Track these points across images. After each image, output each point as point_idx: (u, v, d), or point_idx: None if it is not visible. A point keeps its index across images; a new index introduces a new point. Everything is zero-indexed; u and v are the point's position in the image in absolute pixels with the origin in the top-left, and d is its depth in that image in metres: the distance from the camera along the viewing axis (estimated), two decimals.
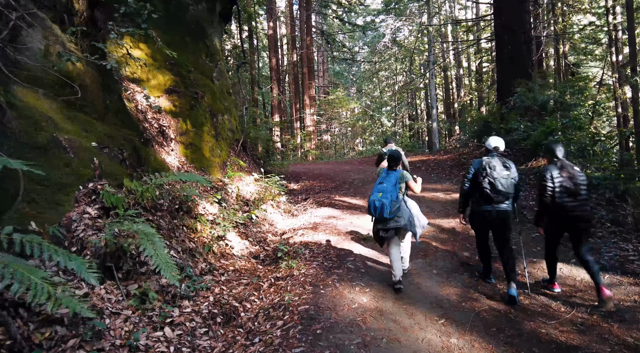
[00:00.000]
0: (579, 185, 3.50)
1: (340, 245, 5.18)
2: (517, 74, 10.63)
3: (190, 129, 7.45)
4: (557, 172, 3.58)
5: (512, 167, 3.78)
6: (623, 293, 3.68)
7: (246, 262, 5.13)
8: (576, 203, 3.51)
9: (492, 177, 3.66)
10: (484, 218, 3.81)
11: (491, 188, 3.66)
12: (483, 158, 3.84)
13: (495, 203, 3.71)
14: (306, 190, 9.50)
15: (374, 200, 3.81)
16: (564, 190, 3.52)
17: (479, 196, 3.78)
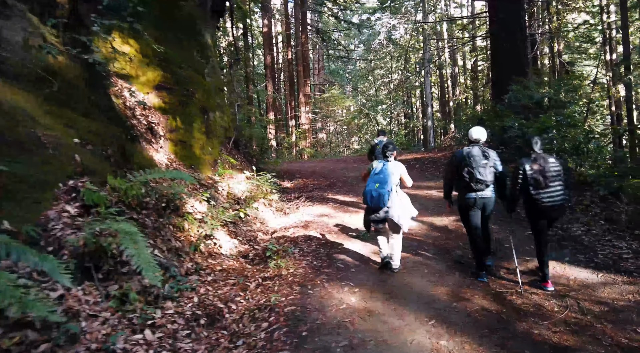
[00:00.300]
0: (547, 178, 3.67)
1: (330, 244, 5.06)
2: (512, 71, 10.54)
3: (181, 125, 7.29)
4: (529, 164, 3.75)
5: (491, 156, 3.93)
6: (617, 292, 3.59)
7: (234, 261, 5.01)
8: (545, 195, 3.69)
9: (471, 166, 3.84)
10: (469, 205, 3.99)
11: (470, 176, 3.86)
12: (464, 148, 4.02)
13: (477, 191, 3.91)
14: (299, 188, 9.38)
15: (371, 190, 3.93)
16: (534, 181, 3.70)
17: (462, 185, 3.98)
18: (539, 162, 3.72)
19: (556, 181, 3.69)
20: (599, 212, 5.58)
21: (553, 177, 3.67)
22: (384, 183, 3.92)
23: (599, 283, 3.75)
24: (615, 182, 6.34)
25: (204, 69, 8.84)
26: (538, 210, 3.78)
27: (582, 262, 4.21)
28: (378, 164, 4.19)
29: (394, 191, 4.01)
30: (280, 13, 22.20)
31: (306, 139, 19.12)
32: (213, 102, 8.77)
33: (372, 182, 4.01)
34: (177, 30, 8.04)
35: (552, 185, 3.67)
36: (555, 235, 5.00)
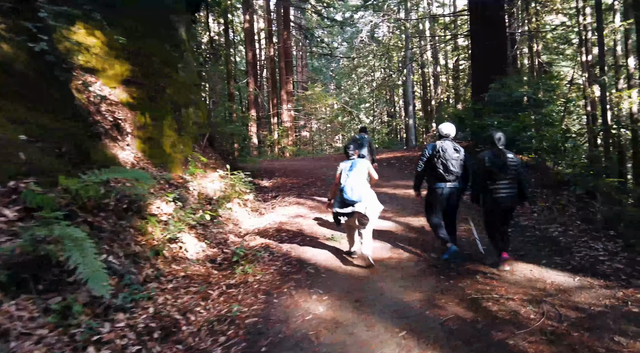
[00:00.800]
0: (506, 171, 3.91)
1: (303, 247, 4.81)
2: (491, 70, 10.46)
3: (150, 122, 6.90)
4: (489, 157, 3.99)
5: (461, 150, 4.20)
6: (594, 297, 3.43)
7: (200, 266, 4.69)
8: (501, 187, 3.95)
9: (444, 159, 4.10)
10: (438, 194, 4.25)
11: (444, 168, 4.11)
12: (436, 142, 4.25)
13: (447, 182, 4.17)
14: (278, 187, 9.09)
15: (349, 185, 4.14)
16: (492, 174, 3.95)
17: (434, 176, 4.22)
18: (499, 156, 3.94)
19: (512, 176, 3.95)
20: (576, 211, 5.48)
21: (510, 172, 3.92)
22: (358, 179, 4.18)
23: (575, 288, 3.59)
24: (591, 182, 6.27)
25: (177, 63, 8.44)
26: (494, 201, 4.02)
27: (559, 264, 4.06)
28: (346, 164, 4.40)
29: (367, 186, 4.26)
30: (263, 9, 21.75)
31: (288, 137, 18.79)
32: (186, 98, 8.39)
33: (348, 178, 4.22)
34: (149, 22, 7.63)
35: (509, 178, 3.94)
36: (533, 236, 4.86)
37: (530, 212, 5.08)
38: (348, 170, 4.28)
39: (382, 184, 8.19)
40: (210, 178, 7.48)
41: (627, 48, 19.32)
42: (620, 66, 20.55)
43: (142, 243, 4.55)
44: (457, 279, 3.92)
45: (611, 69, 20.58)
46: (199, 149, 8.23)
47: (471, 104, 11.00)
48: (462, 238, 5.09)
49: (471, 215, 4.98)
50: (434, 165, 4.16)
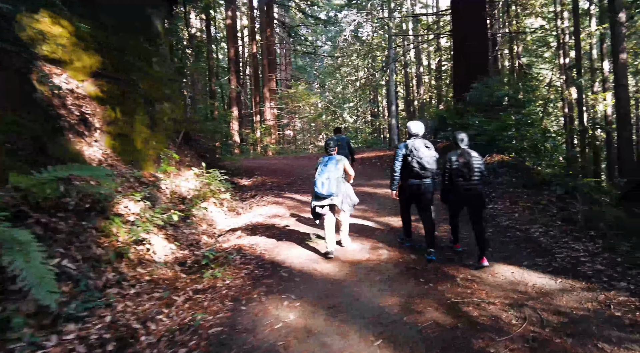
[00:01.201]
0: (472, 169, 3.99)
1: (278, 249, 4.55)
2: (473, 70, 10.40)
3: (120, 117, 6.53)
4: (455, 157, 4.09)
5: (432, 147, 4.26)
6: (576, 300, 3.29)
7: (168, 269, 4.39)
8: (469, 185, 4.03)
9: (418, 157, 4.15)
10: (412, 191, 4.30)
11: (419, 166, 4.16)
12: (407, 141, 4.32)
13: (422, 178, 4.22)
14: (257, 186, 8.79)
15: (321, 180, 4.27)
16: (459, 173, 4.03)
17: (408, 173, 4.25)
18: (465, 156, 4.04)
19: (477, 174, 4.03)
20: (556, 212, 5.39)
21: (476, 170, 4.01)
22: (331, 174, 4.28)
23: (557, 290, 3.45)
24: (571, 181, 6.22)
25: (152, 57, 8.05)
26: (459, 198, 4.16)
27: (541, 266, 3.92)
28: (324, 159, 4.52)
29: (340, 181, 4.37)
30: (246, 6, 21.32)
31: (271, 135, 18.45)
32: (161, 93, 8.01)
33: (321, 172, 4.34)
34: (122, 14, 7.24)
35: (474, 176, 4.02)
36: (514, 236, 4.73)
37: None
38: (323, 164, 4.43)
39: (363, 183, 8.00)
40: (185, 176, 7.15)
41: (602, 52, 19.71)
42: (596, 69, 20.99)
43: (105, 245, 4.23)
44: (436, 282, 3.74)
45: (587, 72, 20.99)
46: (173, 146, 7.87)
47: (453, 103, 10.94)
48: (442, 238, 4.93)
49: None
50: (409, 163, 4.21)
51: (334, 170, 4.31)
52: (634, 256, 4.04)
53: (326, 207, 4.31)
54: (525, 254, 4.23)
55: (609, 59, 18.51)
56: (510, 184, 6.67)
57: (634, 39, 21.67)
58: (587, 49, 21.54)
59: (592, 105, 19.52)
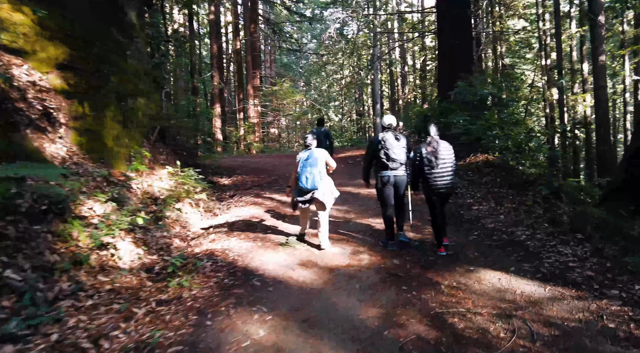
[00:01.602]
0: (439, 158, 4.06)
1: (252, 254, 4.22)
2: (458, 68, 10.23)
3: (89, 112, 6.08)
4: (424, 147, 4.17)
5: (402, 139, 4.32)
6: (566, 310, 3.07)
7: (134, 277, 4.01)
8: (436, 174, 4.09)
9: (386, 148, 4.22)
10: (385, 182, 4.34)
11: (386, 157, 4.24)
12: (379, 134, 4.38)
13: (391, 170, 4.29)
14: (237, 185, 8.43)
15: (305, 174, 4.29)
16: (427, 162, 4.10)
17: (379, 165, 4.34)
18: (433, 144, 4.12)
19: (447, 163, 4.09)
20: (542, 213, 5.21)
21: (444, 159, 4.07)
22: (313, 168, 4.28)
23: (546, 299, 3.23)
24: (555, 182, 6.06)
25: (125, 50, 7.59)
26: (431, 187, 4.16)
27: (528, 272, 3.70)
28: (304, 153, 4.49)
29: (322, 174, 4.36)
30: (230, 1, 20.79)
31: (255, 133, 18.02)
32: (135, 88, 7.57)
33: (304, 167, 4.34)
34: (93, 3, 6.76)
35: (443, 165, 4.07)
36: (500, 240, 4.51)
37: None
38: (305, 159, 4.41)
39: (346, 183, 7.73)
40: (159, 175, 6.74)
41: (582, 54, 19.92)
42: (576, 71, 21.23)
43: (61, 251, 3.83)
44: (419, 290, 3.48)
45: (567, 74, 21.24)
46: (147, 143, 7.44)
47: (437, 101, 10.75)
48: (426, 240, 4.68)
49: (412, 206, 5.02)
50: (379, 155, 4.30)
51: (316, 164, 4.33)
52: (622, 260, 3.87)
53: (308, 200, 4.35)
54: (512, 259, 4.01)
55: (588, 60, 18.73)
56: (495, 184, 6.49)
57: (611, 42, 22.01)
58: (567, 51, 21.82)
59: (573, 106, 19.73)
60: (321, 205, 4.38)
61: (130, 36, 7.83)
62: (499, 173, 6.84)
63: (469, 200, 5.92)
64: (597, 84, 12.34)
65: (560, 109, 18.68)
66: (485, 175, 6.88)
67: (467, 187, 6.54)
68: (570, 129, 7.81)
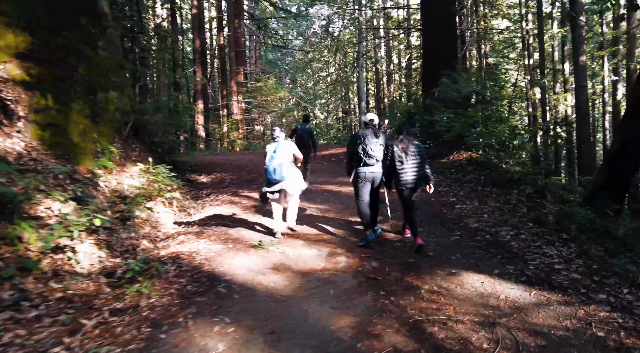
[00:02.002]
0: (409, 154, 4.24)
1: (221, 257, 3.90)
2: (442, 65, 10.04)
3: (52, 105, 5.65)
4: (396, 145, 4.30)
5: (381, 136, 4.40)
6: (553, 316, 2.85)
7: (92, 282, 3.66)
8: (406, 169, 4.24)
9: (364, 144, 4.29)
10: (362, 178, 4.41)
11: (364, 153, 4.30)
12: (359, 130, 4.47)
13: (368, 166, 4.34)
14: (215, 183, 8.06)
15: (273, 166, 4.38)
16: (399, 158, 4.24)
17: (357, 160, 4.40)
18: (404, 142, 4.28)
19: (415, 159, 4.26)
20: (527, 212, 5.02)
21: (413, 155, 4.24)
22: (281, 160, 4.38)
23: (532, 305, 3.01)
24: (540, 180, 5.90)
25: (95, 40, 7.14)
26: (401, 182, 4.28)
27: (513, 274, 3.49)
28: (272, 146, 4.56)
29: (290, 166, 4.49)
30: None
31: (238, 130, 17.58)
32: (106, 80, 7.13)
33: (272, 159, 4.42)
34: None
35: (412, 161, 4.24)
36: (483, 240, 4.30)
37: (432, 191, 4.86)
38: (273, 152, 4.47)
39: (328, 181, 7.46)
40: (130, 172, 6.34)
41: (564, 54, 20.05)
42: (558, 71, 21.41)
43: (6, 256, 3.45)
44: (398, 295, 3.22)
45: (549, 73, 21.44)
46: (119, 139, 7.02)
47: (420, 97, 10.56)
48: (407, 242, 4.44)
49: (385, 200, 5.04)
50: (357, 151, 4.36)
51: (284, 156, 4.42)
52: (609, 262, 3.69)
53: (277, 192, 4.47)
54: (495, 261, 3.79)
55: (569, 61, 18.89)
56: (479, 182, 6.30)
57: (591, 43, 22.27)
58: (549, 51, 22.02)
59: (554, 105, 19.90)
60: (288, 196, 4.54)
61: (101, 26, 7.38)
62: (482, 171, 6.66)
63: (452, 199, 5.71)
64: (578, 83, 12.36)
65: (542, 108, 18.78)
66: (468, 173, 6.69)
67: (450, 185, 6.34)
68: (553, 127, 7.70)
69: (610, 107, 21.47)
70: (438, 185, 6.40)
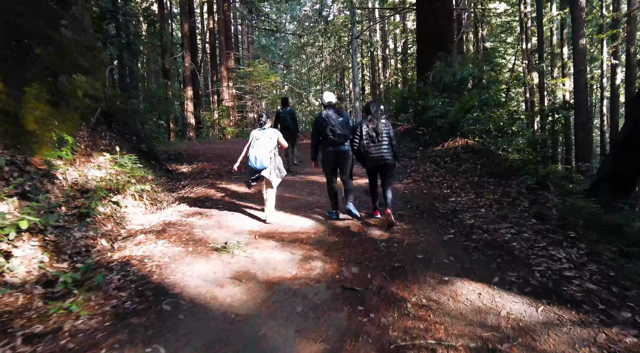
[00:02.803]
0: (379, 134, 4.17)
1: (176, 264, 3.30)
2: (437, 47, 9.32)
3: (3, 89, 4.98)
4: (365, 124, 4.23)
5: (344, 114, 4.39)
6: (567, 341, 2.28)
7: (23, 294, 3.07)
8: (377, 148, 4.18)
9: (331, 125, 4.27)
10: (330, 158, 4.37)
11: (332, 133, 4.27)
12: (322, 112, 4.43)
13: (337, 145, 4.32)
14: (195, 174, 7.43)
15: (254, 154, 4.29)
16: (368, 137, 4.18)
17: (325, 142, 4.36)
18: (373, 121, 4.21)
19: (385, 138, 4.20)
20: (528, 206, 4.43)
21: (382, 134, 4.18)
22: (264, 148, 4.28)
23: (540, 324, 2.44)
24: (541, 169, 5.29)
25: (58, 20, 6.41)
26: (372, 160, 4.23)
27: (515, 283, 2.91)
28: (257, 132, 4.45)
29: (273, 154, 4.39)
30: None
31: (229, 117, 16.83)
32: (72, 63, 6.43)
33: (256, 146, 4.32)
34: None
35: (382, 140, 4.18)
36: (480, 240, 3.71)
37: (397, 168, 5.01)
38: (255, 139, 4.38)
39: (313, 171, 6.82)
40: (97, 163, 5.71)
41: (563, 38, 19.23)
42: (556, 55, 20.61)
43: None
44: (379, 311, 2.64)
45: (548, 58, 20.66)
46: (86, 127, 6.35)
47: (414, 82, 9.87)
48: (394, 240, 3.85)
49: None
50: (325, 133, 4.31)
51: (267, 144, 4.31)
52: (625, 267, 3.11)
53: (260, 178, 4.41)
54: (494, 266, 3.21)
55: (568, 45, 18.08)
56: (475, 172, 5.70)
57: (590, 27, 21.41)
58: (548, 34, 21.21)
59: (552, 90, 19.18)
60: (268, 183, 4.46)
61: (66, 5, 6.62)
62: (479, 159, 6.04)
63: (446, 191, 5.10)
64: (576, 67, 11.69)
65: (540, 93, 18.08)
66: (464, 162, 6.08)
67: (444, 175, 5.73)
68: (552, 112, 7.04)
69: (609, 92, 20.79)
70: (431, 176, 5.80)
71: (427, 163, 6.42)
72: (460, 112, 6.87)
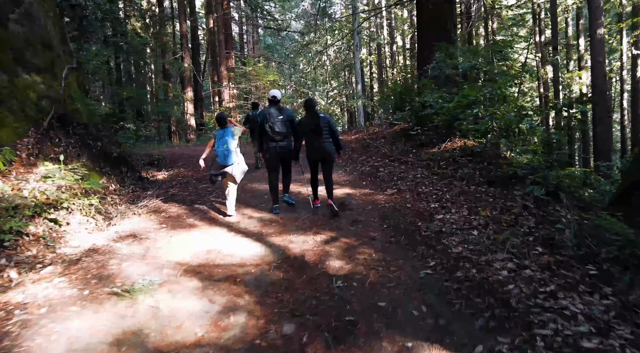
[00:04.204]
0: (320, 128, 4.23)
1: (48, 319, 2.39)
2: (437, 37, 8.23)
3: None
4: (305, 120, 4.34)
5: (285, 112, 4.48)
6: None
7: None
8: (318, 142, 4.26)
9: (271, 122, 4.39)
10: (272, 152, 4.47)
11: (271, 130, 4.40)
12: (265, 108, 4.71)
13: (277, 142, 4.44)
14: (168, 181, 6.63)
15: (222, 150, 4.40)
16: (311, 132, 4.27)
17: (266, 138, 4.47)
18: (313, 118, 4.26)
19: (325, 133, 4.26)
20: (534, 226, 3.39)
21: (323, 129, 4.24)
22: (229, 145, 4.35)
23: None
24: (553, 175, 4.21)
25: (7, 13, 5.70)
26: (313, 153, 4.34)
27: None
28: (220, 132, 4.47)
29: (237, 151, 4.45)
30: None
31: (231, 117, 16.06)
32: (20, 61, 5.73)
33: (221, 144, 4.39)
34: None
35: (323, 134, 4.24)
36: (466, 279, 2.71)
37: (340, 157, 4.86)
38: (219, 137, 4.42)
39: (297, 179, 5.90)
40: (40, 174, 4.95)
41: (579, 28, 17.68)
42: (571, 46, 19.02)
43: None
44: None
45: (563, 50, 19.10)
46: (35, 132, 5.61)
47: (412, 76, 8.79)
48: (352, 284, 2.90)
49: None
50: (265, 129, 4.38)
51: (231, 141, 4.37)
52: None
53: (224, 173, 4.44)
54: (480, 323, 2.22)
55: (584, 36, 16.54)
56: (473, 180, 4.66)
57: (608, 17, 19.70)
58: (562, 26, 19.68)
59: (568, 84, 17.67)
60: (232, 179, 4.49)
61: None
62: (478, 164, 5.00)
63: (433, 205, 4.08)
64: (594, 59, 10.41)
65: (555, 88, 16.67)
66: (461, 167, 5.05)
67: (434, 184, 4.71)
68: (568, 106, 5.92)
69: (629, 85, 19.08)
70: (419, 185, 4.79)
71: (419, 168, 5.40)
72: (458, 108, 5.82)
